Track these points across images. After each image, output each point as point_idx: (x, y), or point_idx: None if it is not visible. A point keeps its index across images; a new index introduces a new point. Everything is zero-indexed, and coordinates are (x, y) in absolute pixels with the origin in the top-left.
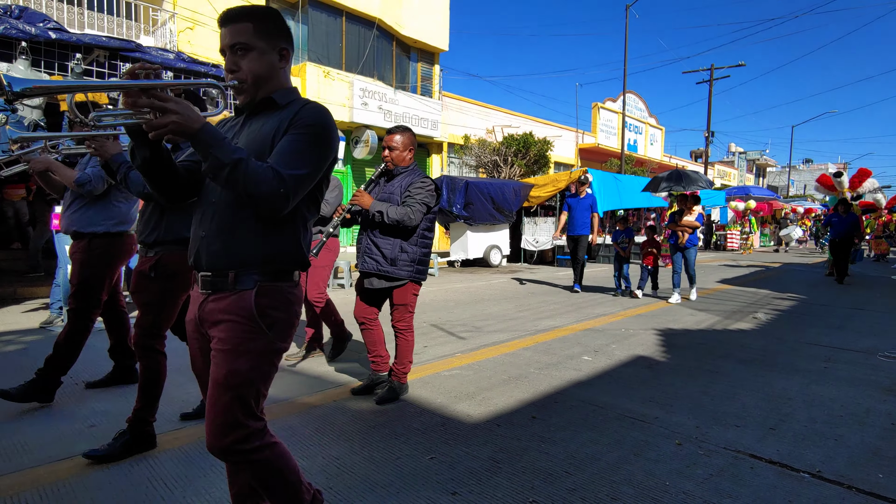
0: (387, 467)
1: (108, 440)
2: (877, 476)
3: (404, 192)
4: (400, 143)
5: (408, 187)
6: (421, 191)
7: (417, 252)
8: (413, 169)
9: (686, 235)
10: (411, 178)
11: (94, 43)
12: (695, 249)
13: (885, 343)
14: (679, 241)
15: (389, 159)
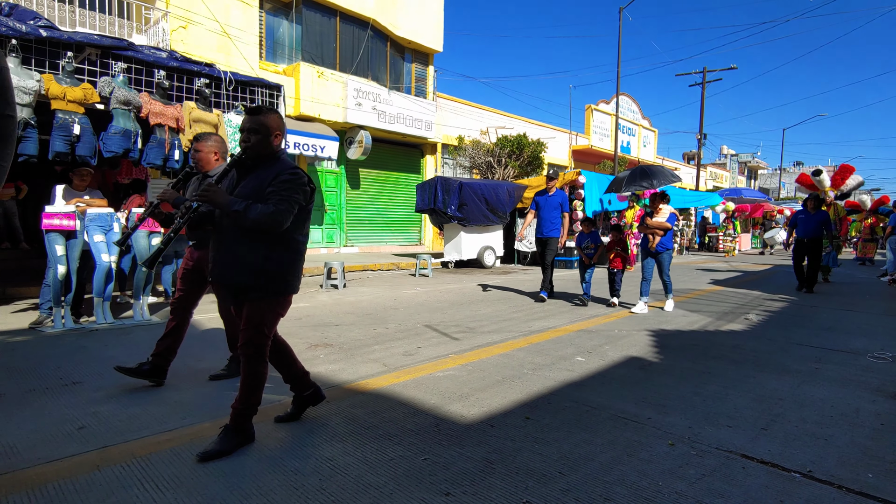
0: (380, 468)
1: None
2: (867, 476)
3: (268, 186)
4: (264, 125)
5: (271, 180)
6: (290, 185)
7: (285, 260)
8: (281, 158)
9: (657, 238)
10: (277, 170)
11: (85, 41)
12: (669, 254)
13: (874, 344)
14: (649, 245)
15: (249, 145)
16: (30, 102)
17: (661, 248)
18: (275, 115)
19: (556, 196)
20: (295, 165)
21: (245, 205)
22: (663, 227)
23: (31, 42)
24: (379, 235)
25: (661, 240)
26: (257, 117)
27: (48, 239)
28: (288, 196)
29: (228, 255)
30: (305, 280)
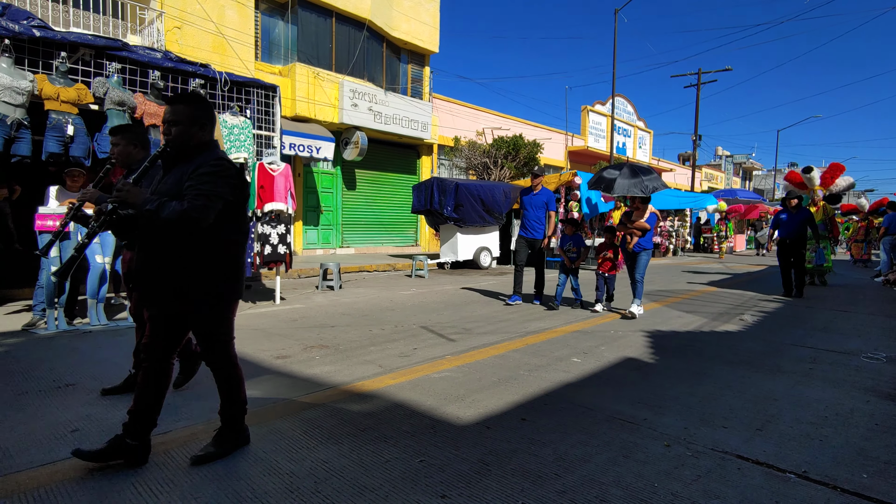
0: (376, 470)
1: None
2: (861, 476)
3: (187, 180)
4: (185, 115)
5: (191, 173)
6: (210, 177)
7: (218, 264)
8: (207, 150)
9: (635, 239)
10: (199, 162)
11: (79, 41)
12: (646, 254)
13: (868, 344)
14: (627, 246)
15: (171, 137)
16: (23, 103)
17: (639, 249)
18: (198, 103)
19: (541, 194)
20: (222, 156)
21: (158, 203)
22: (642, 228)
23: (24, 42)
24: (375, 236)
25: (639, 240)
26: (177, 106)
27: (41, 240)
28: (208, 190)
29: (150, 263)
30: (301, 281)
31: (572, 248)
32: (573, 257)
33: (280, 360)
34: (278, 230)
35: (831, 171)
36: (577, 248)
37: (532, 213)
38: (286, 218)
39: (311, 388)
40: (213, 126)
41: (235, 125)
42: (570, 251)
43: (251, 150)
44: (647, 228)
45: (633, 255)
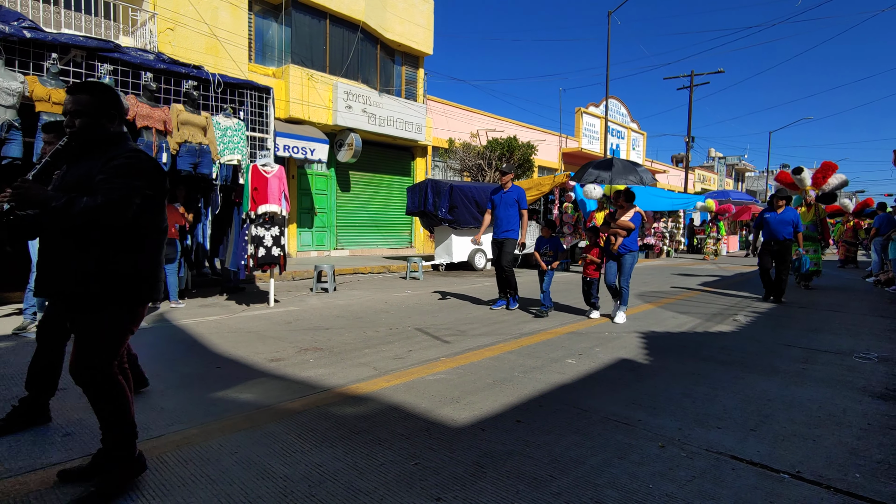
0: (370, 474)
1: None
2: (854, 476)
3: (98, 174)
4: (91, 105)
5: (102, 166)
6: (125, 169)
7: (132, 262)
8: (118, 142)
9: (619, 240)
10: (111, 154)
11: (70, 42)
12: (632, 256)
13: (860, 344)
14: (611, 247)
15: (75, 130)
16: (14, 104)
17: (623, 251)
18: (105, 92)
19: (511, 192)
20: (136, 148)
21: (66, 199)
22: (627, 228)
23: (14, 43)
24: (369, 238)
25: (624, 241)
26: (80, 96)
27: (31, 243)
28: (123, 183)
29: (54, 260)
30: (295, 284)
31: (548, 251)
32: (549, 260)
33: (274, 362)
34: (272, 232)
35: (823, 171)
36: (553, 251)
37: (503, 211)
38: (280, 220)
39: (305, 390)
40: (122, 118)
41: (229, 127)
42: (546, 254)
43: (245, 152)
44: (632, 228)
45: (617, 257)
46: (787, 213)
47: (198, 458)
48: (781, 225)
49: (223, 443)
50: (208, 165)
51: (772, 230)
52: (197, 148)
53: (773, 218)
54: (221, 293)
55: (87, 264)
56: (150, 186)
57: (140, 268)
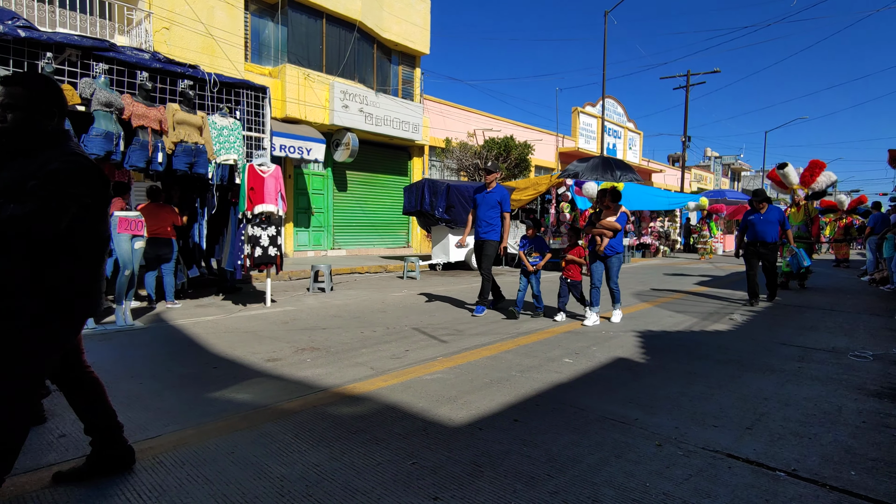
0: (367, 473)
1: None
2: (849, 473)
3: (31, 179)
4: (26, 98)
5: (36, 171)
6: (61, 176)
7: (68, 274)
8: (59, 143)
9: (605, 241)
10: (47, 157)
11: (65, 42)
12: (618, 258)
13: (855, 343)
14: (597, 248)
15: (7, 126)
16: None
17: (610, 252)
18: (42, 85)
19: (494, 193)
20: (76, 151)
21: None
22: (612, 228)
23: (9, 43)
24: (366, 238)
25: (609, 242)
26: (14, 89)
27: None
28: (57, 191)
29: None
30: (292, 284)
31: (533, 251)
32: (534, 262)
33: (271, 362)
34: (269, 232)
35: (810, 169)
36: (538, 251)
37: (484, 212)
38: (276, 220)
39: (302, 390)
40: (63, 114)
41: (225, 126)
42: (532, 255)
43: (241, 152)
44: (618, 229)
45: (603, 259)
46: (772, 213)
47: (194, 458)
48: (767, 226)
49: (220, 443)
50: (204, 165)
51: (757, 232)
52: (193, 148)
53: (757, 219)
54: (218, 293)
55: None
56: (90, 194)
57: (76, 280)
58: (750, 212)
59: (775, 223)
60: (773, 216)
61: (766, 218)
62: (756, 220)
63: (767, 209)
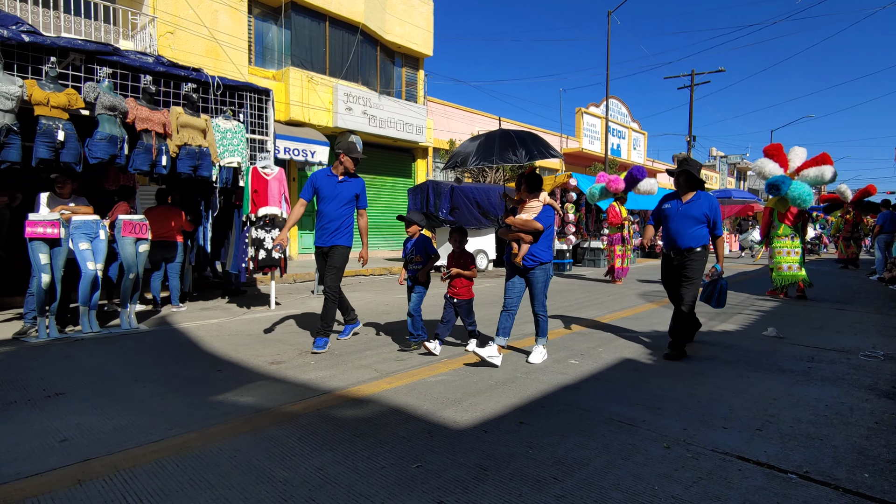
0: (371, 477)
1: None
2: (863, 475)
3: None
4: None
5: None
6: None
7: None
8: None
9: (524, 246)
10: None
11: (69, 46)
12: (543, 272)
13: (865, 342)
14: (513, 258)
15: None
16: (12, 108)
17: (531, 262)
18: None
19: (349, 184)
20: None
21: None
22: (531, 229)
23: (13, 48)
24: (371, 240)
25: (531, 249)
26: None
27: (31, 247)
28: None
29: None
30: (296, 286)
31: (415, 255)
32: (414, 270)
33: (274, 365)
34: (272, 235)
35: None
36: (421, 256)
37: (334, 208)
38: (280, 222)
39: (305, 393)
40: None
41: (228, 129)
42: (413, 260)
43: (244, 155)
44: (539, 229)
45: (523, 271)
46: (697, 203)
47: (197, 462)
48: (685, 222)
49: (223, 447)
50: (208, 168)
51: (671, 231)
52: (197, 150)
53: (673, 211)
54: (222, 296)
55: None
56: None
57: None
58: (668, 197)
59: (699, 220)
60: (696, 208)
61: (687, 210)
62: (672, 212)
63: (695, 195)
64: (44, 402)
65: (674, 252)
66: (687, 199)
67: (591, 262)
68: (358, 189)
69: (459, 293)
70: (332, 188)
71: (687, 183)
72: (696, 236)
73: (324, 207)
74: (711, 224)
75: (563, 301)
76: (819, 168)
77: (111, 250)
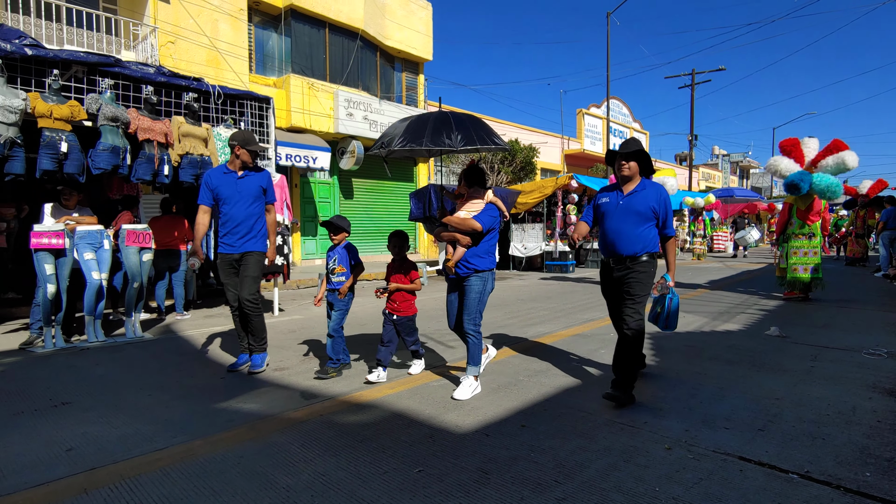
0: (374, 482)
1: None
2: (864, 475)
3: None
4: None
5: None
6: None
7: None
8: None
9: (460, 250)
10: None
11: (71, 58)
12: (479, 281)
13: (869, 340)
14: (447, 264)
15: None
16: (16, 121)
17: (465, 270)
18: None
19: (252, 179)
20: None
21: None
22: (467, 228)
23: (16, 61)
24: (373, 245)
25: (465, 254)
26: None
27: (37, 258)
28: None
29: None
30: (300, 292)
31: (338, 266)
32: (337, 285)
33: (278, 371)
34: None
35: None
36: (345, 266)
37: (240, 209)
38: (283, 229)
39: (308, 399)
40: None
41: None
42: (335, 272)
43: None
44: (477, 229)
45: (457, 281)
46: (643, 195)
47: (202, 469)
48: (627, 220)
49: (227, 454)
50: None
51: (609, 233)
52: (199, 160)
53: (612, 206)
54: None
55: None
56: None
57: None
58: (607, 188)
59: (643, 217)
60: (641, 201)
61: (629, 204)
62: (610, 209)
63: (641, 184)
64: (50, 412)
65: (613, 260)
66: (629, 189)
67: (594, 263)
68: (263, 182)
69: (400, 308)
70: (231, 186)
71: (629, 176)
72: (642, 239)
73: (228, 210)
74: (661, 222)
75: (564, 303)
76: (837, 156)
77: (115, 260)
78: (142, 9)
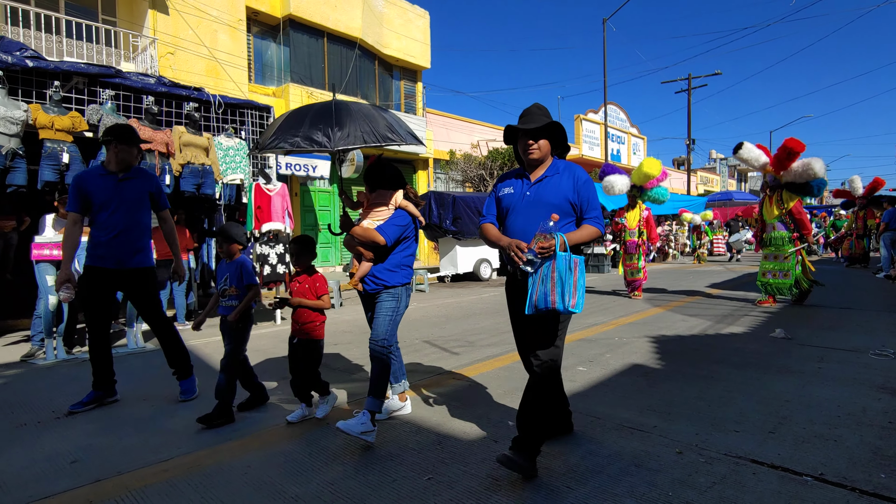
0: (383, 490)
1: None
2: (879, 476)
3: None
4: None
5: None
6: None
7: None
8: None
9: (364, 265)
10: None
11: (72, 70)
12: (391, 298)
13: (875, 341)
14: (350, 280)
15: None
16: (17, 133)
17: (373, 286)
18: None
19: (136, 183)
20: None
21: None
22: (371, 240)
23: (18, 73)
24: None
25: (373, 269)
26: None
27: (38, 270)
28: None
29: None
30: None
31: (231, 288)
32: (229, 307)
33: (283, 380)
34: (276, 250)
35: (784, 151)
36: (237, 287)
37: (117, 218)
38: (284, 238)
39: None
40: None
41: (231, 147)
42: (228, 293)
43: (247, 171)
44: (379, 242)
45: (365, 297)
46: (555, 181)
47: (209, 480)
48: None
49: (234, 463)
50: (211, 186)
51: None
52: (200, 169)
53: (517, 197)
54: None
55: None
56: None
57: None
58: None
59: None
60: (553, 189)
61: (539, 195)
62: (514, 202)
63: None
64: (53, 424)
65: (520, 273)
66: (538, 175)
67: (595, 269)
68: (151, 186)
69: (305, 330)
70: (109, 191)
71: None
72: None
73: (105, 219)
74: (582, 213)
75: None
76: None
77: None
78: (141, 20)
